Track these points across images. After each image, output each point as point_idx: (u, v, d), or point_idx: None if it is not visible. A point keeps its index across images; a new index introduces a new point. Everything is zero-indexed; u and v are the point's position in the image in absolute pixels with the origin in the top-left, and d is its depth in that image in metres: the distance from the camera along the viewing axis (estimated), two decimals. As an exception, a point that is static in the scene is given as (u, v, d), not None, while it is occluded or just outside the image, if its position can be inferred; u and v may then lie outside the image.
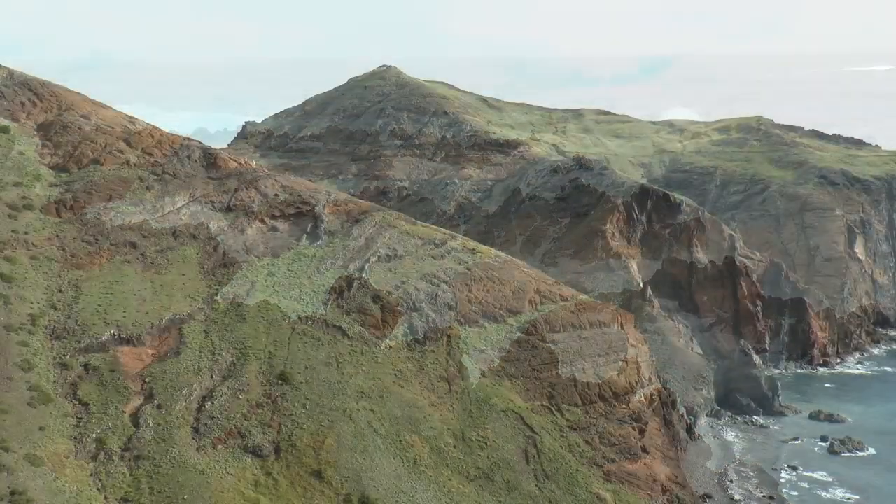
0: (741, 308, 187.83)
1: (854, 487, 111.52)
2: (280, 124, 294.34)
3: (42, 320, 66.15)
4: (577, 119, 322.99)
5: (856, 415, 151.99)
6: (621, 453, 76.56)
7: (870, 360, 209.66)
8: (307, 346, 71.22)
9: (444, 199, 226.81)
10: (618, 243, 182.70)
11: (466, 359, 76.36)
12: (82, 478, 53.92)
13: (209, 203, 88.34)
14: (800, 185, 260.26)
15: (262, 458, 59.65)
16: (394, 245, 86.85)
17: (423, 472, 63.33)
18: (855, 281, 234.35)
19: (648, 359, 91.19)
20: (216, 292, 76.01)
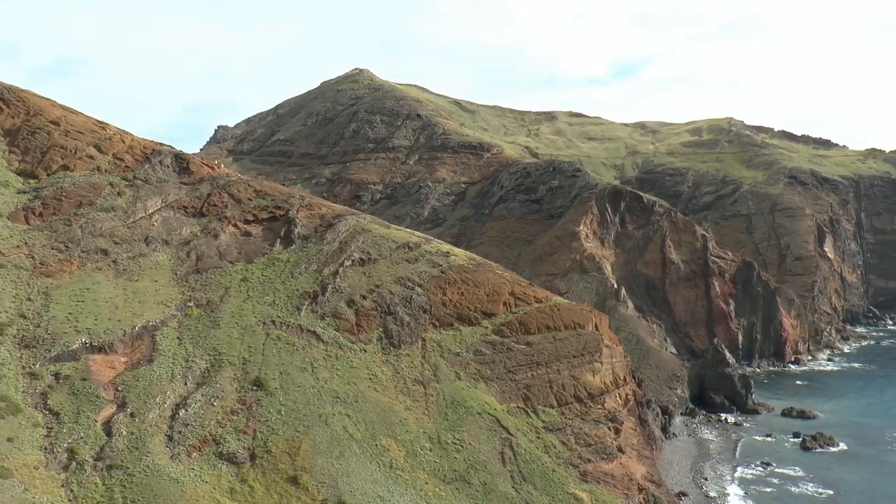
0: (714, 307, 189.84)
1: (826, 482, 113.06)
2: (253, 128, 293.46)
3: (10, 329, 65.24)
4: (550, 121, 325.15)
5: (827, 411, 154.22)
6: (597, 453, 76.93)
7: (840, 357, 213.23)
8: (282, 352, 70.91)
9: (417, 201, 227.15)
10: (591, 244, 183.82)
11: (441, 362, 76.40)
12: (53, 489, 53.23)
13: (182, 208, 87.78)
14: (770, 186, 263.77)
15: (237, 464, 59.25)
16: (368, 249, 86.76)
17: (400, 475, 63.25)
18: (825, 279, 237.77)
19: (623, 359, 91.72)
20: (189, 298, 75.49)
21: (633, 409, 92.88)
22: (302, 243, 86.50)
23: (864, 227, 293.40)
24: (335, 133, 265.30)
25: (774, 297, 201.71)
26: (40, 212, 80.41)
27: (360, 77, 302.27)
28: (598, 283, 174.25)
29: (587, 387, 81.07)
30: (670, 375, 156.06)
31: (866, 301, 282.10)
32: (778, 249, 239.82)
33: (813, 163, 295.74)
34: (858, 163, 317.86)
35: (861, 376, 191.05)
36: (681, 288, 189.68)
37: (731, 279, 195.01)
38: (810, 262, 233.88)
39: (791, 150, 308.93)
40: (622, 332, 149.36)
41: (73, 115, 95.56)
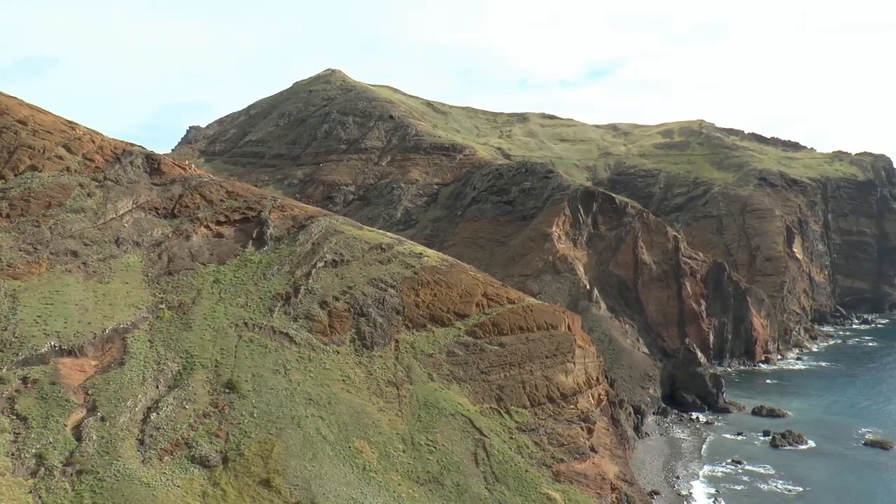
0: (686, 307, 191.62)
1: (795, 479, 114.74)
2: (225, 129, 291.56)
3: (-22, 332, 64.29)
4: (522, 123, 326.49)
5: (796, 409, 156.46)
6: (570, 453, 77.23)
7: (808, 356, 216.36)
8: (254, 354, 70.51)
9: (390, 203, 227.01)
10: (564, 245, 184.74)
11: (414, 363, 76.36)
12: (20, 495, 52.49)
13: (153, 210, 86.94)
14: (741, 187, 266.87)
15: (209, 468, 58.78)
16: (340, 250, 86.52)
17: (373, 477, 63.12)
18: (794, 280, 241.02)
19: (596, 359, 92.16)
20: (161, 300, 74.86)
21: (605, 408, 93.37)
22: (274, 245, 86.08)
23: (831, 228, 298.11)
24: (307, 134, 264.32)
25: (745, 297, 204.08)
26: (7, 213, 79.23)
27: (333, 78, 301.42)
28: (571, 284, 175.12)
29: (560, 387, 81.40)
30: (642, 375, 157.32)
31: (833, 301, 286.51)
32: (748, 250, 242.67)
33: (782, 165, 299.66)
34: (826, 165, 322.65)
35: (828, 375, 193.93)
36: (653, 288, 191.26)
37: (702, 280, 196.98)
38: (780, 262, 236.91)
39: (761, 153, 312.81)
40: (595, 333, 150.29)
41: (41, 114, 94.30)
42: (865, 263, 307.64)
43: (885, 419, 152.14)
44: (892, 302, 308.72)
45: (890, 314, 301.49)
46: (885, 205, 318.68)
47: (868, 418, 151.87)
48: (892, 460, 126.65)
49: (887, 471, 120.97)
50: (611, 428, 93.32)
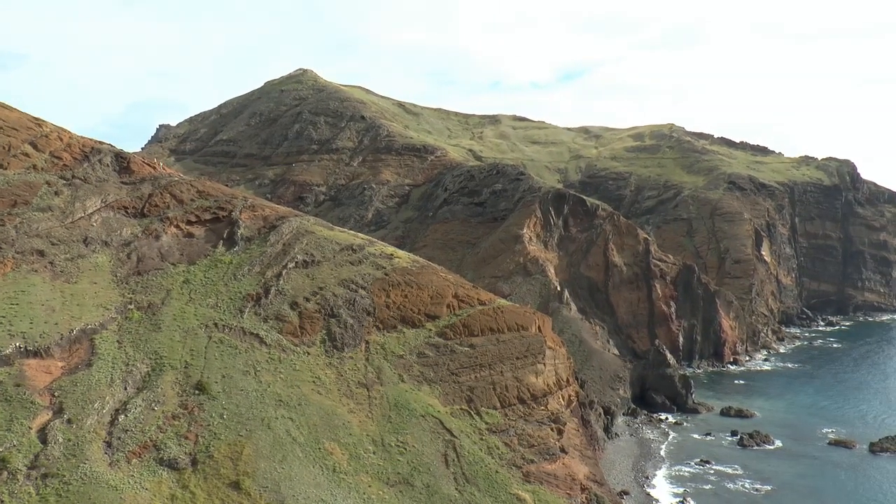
0: (656, 309, 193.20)
1: (762, 478, 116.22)
2: (195, 128, 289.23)
3: (-58, 333, 63.30)
4: (494, 125, 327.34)
5: (763, 409, 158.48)
6: (540, 454, 77.69)
7: (776, 357, 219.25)
8: (224, 355, 70.09)
9: (361, 203, 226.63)
10: (535, 247, 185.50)
11: (385, 364, 76.37)
12: (-16, 498, 51.80)
13: (122, 209, 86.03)
14: (710, 191, 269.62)
15: (178, 470, 58.33)
16: (311, 251, 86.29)
17: (343, 479, 63.03)
18: (762, 282, 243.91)
19: (566, 360, 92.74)
20: (130, 301, 74.15)
21: (575, 409, 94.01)
22: (245, 245, 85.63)
23: (798, 232, 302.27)
24: (279, 134, 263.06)
25: (714, 299, 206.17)
26: (-28, 212, 78.07)
27: (304, 77, 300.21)
28: (542, 286, 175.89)
29: (530, 388, 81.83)
30: (613, 376, 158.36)
31: (800, 303, 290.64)
32: (717, 253, 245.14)
33: (751, 169, 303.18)
34: (793, 169, 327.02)
35: (795, 376, 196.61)
36: (623, 290, 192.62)
37: (672, 282, 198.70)
38: (748, 265, 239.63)
39: (730, 157, 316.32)
40: (565, 334, 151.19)
41: (6, 110, 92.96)
42: (831, 267, 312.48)
43: (849, 419, 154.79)
44: (855, 304, 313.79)
45: (854, 316, 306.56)
46: (850, 209, 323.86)
47: (832, 418, 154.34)
48: (856, 459, 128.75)
49: (851, 469, 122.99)
50: (581, 429, 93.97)
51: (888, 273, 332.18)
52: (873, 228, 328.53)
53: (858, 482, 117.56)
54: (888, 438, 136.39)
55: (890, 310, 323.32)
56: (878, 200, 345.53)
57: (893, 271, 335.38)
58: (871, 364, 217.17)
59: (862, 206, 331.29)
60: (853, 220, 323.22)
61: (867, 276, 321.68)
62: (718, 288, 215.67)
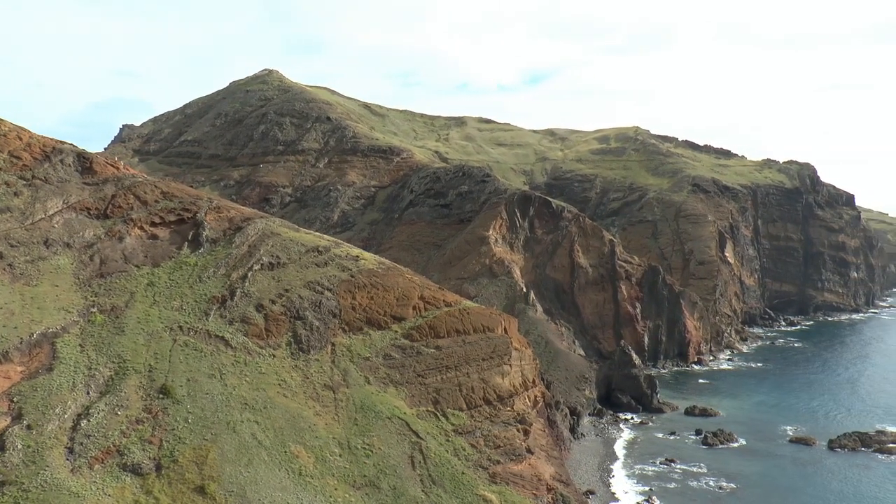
0: (621, 310, 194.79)
1: (726, 477, 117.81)
2: (160, 128, 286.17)
3: None
4: (460, 126, 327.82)
5: (727, 408, 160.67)
6: (506, 455, 78.00)
7: (739, 357, 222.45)
8: (189, 358, 69.48)
9: (327, 205, 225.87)
10: (501, 249, 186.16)
11: (351, 366, 76.21)
12: (-59, 508, 50.83)
13: (84, 210, 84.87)
14: (675, 193, 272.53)
15: (142, 476, 57.68)
16: (277, 253, 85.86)
17: (309, 482, 62.81)
18: (725, 283, 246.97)
19: (532, 361, 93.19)
20: (92, 304, 73.19)
21: (541, 410, 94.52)
22: (210, 247, 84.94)
23: (761, 233, 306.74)
24: (244, 134, 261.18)
25: (679, 300, 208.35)
26: (-71, 213, 76.62)
27: (270, 78, 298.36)
28: (508, 287, 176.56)
29: (496, 389, 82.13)
30: (578, 377, 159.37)
31: (763, 303, 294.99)
32: (682, 254, 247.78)
33: (714, 171, 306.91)
34: (756, 172, 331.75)
35: (757, 375, 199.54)
36: (589, 292, 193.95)
37: (637, 283, 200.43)
38: (712, 266, 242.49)
39: (694, 159, 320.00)
40: (531, 335, 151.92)
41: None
42: (792, 268, 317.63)
43: (809, 417, 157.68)
44: (816, 304, 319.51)
45: (814, 316, 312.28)
46: (810, 211, 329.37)
47: (793, 416, 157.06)
48: (815, 456, 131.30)
49: (811, 466, 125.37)
50: (547, 429, 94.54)
51: (846, 274, 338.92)
52: (832, 230, 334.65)
53: (818, 478, 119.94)
54: (845, 435, 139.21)
55: (848, 309, 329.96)
56: (836, 203, 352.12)
57: (851, 272, 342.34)
58: (830, 363, 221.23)
59: (821, 209, 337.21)
60: (813, 222, 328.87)
61: (827, 277, 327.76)
62: (683, 289, 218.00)
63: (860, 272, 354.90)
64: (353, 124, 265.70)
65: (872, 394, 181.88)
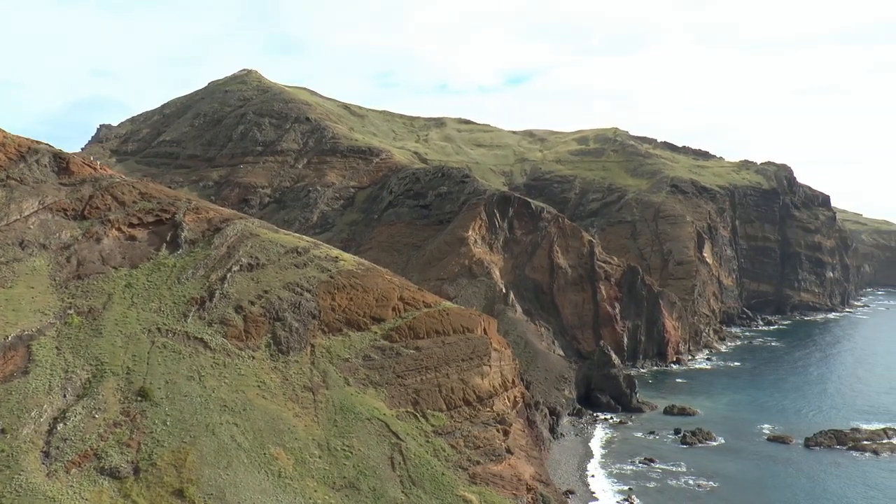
0: (600, 310, 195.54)
1: (705, 475, 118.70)
2: (138, 128, 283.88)
3: None
4: (440, 127, 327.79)
5: (705, 407, 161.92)
6: (486, 455, 78.15)
7: (717, 356, 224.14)
8: (168, 360, 69.06)
9: (306, 206, 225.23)
10: (480, 250, 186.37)
11: (330, 368, 76.09)
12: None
13: (61, 211, 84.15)
14: (654, 194, 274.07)
15: (120, 479, 57.25)
16: (256, 254, 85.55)
17: (289, 484, 62.62)
18: (704, 283, 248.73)
19: (511, 362, 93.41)
20: (69, 306, 72.57)
21: (521, 410, 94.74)
22: (189, 248, 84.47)
23: (739, 234, 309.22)
24: (223, 135, 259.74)
25: (657, 300, 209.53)
26: None
27: (249, 78, 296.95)
28: (487, 288, 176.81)
29: (476, 390, 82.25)
30: (558, 377, 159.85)
31: (740, 303, 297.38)
32: (661, 255, 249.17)
33: (693, 173, 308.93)
34: (733, 173, 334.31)
35: (735, 374, 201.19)
36: (568, 292, 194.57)
37: (616, 283, 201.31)
38: (691, 266, 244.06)
39: (673, 161, 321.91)
40: (511, 336, 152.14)
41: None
42: (769, 268, 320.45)
43: (786, 415, 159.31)
44: (793, 304, 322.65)
45: (791, 315, 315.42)
46: (787, 212, 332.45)
47: (770, 415, 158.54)
48: (792, 454, 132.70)
49: (788, 464, 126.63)
50: (526, 429, 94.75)
51: (822, 274, 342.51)
52: (808, 231, 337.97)
53: (795, 476, 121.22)
54: (821, 433, 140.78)
55: (824, 309, 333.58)
56: (812, 204, 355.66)
57: (827, 272, 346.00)
58: (807, 362, 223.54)
59: (798, 210, 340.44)
60: (790, 222, 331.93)
61: (803, 277, 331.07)
62: (662, 289, 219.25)
63: (836, 272, 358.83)
64: (332, 125, 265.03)
65: (847, 392, 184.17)
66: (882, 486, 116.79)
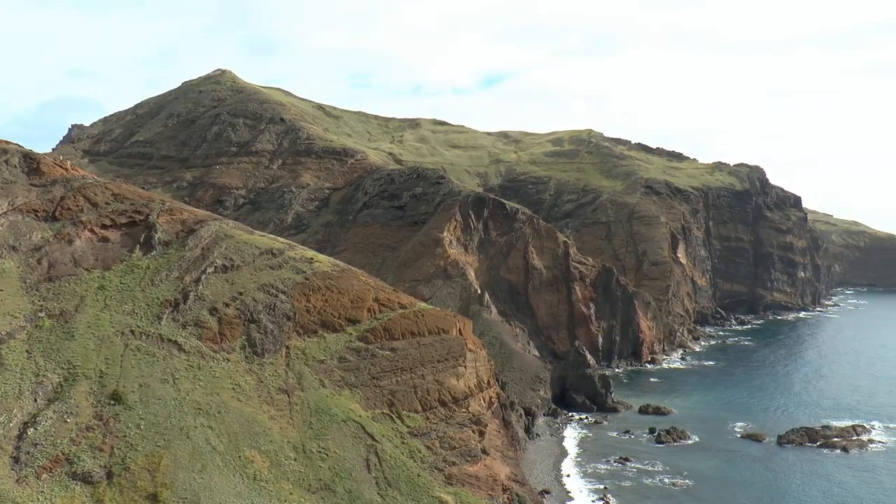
0: (575, 311, 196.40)
1: (679, 474, 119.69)
2: (110, 128, 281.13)
3: None
4: (414, 128, 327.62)
5: (680, 406, 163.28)
6: (462, 456, 78.29)
7: (691, 356, 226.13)
8: (141, 363, 68.49)
9: (281, 207, 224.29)
10: (455, 251, 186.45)
11: (306, 369, 75.87)
12: None
13: (31, 212, 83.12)
14: (628, 195, 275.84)
15: (92, 484, 56.67)
16: (230, 255, 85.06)
17: (264, 487, 62.36)
18: (678, 283, 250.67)
19: (487, 363, 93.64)
20: (40, 308, 71.73)
21: (496, 411, 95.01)
22: (163, 249, 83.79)
23: (712, 235, 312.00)
24: (197, 135, 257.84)
25: (632, 300, 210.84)
26: None
27: (223, 78, 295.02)
28: (462, 289, 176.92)
29: (451, 391, 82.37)
30: (533, 377, 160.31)
31: (714, 303, 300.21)
32: (635, 255, 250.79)
33: (667, 174, 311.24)
34: (707, 175, 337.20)
35: (709, 373, 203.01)
36: (543, 293, 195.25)
37: (591, 284, 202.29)
38: (665, 267, 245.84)
39: (647, 162, 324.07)
40: (486, 337, 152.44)
41: None
42: (742, 268, 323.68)
43: (758, 413, 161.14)
44: (765, 304, 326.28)
45: (764, 315, 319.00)
46: (760, 213, 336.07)
47: (744, 413, 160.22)
48: (765, 451, 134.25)
49: (761, 461, 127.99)
50: (502, 430, 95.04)
51: (794, 274, 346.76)
52: (781, 231, 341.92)
53: (768, 473, 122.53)
54: (793, 431, 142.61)
55: (796, 308, 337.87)
56: (784, 205, 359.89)
57: (799, 272, 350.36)
58: (779, 361, 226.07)
59: (770, 210, 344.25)
60: (762, 223, 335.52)
61: (776, 277, 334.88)
62: (636, 289, 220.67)
63: (807, 272, 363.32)
64: (307, 125, 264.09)
65: (819, 389, 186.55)
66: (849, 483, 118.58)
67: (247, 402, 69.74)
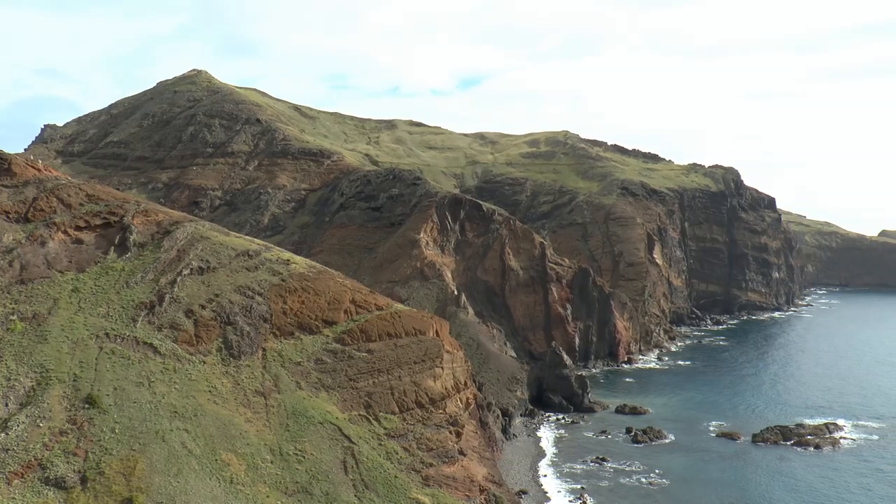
0: (552, 312, 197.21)
1: (656, 472, 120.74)
2: (84, 128, 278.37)
3: None
4: (391, 130, 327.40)
5: (656, 406, 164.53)
6: (439, 457, 78.37)
7: (667, 356, 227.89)
8: (116, 366, 67.87)
9: (257, 208, 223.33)
10: (432, 252, 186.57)
11: (282, 371, 75.59)
12: None
13: (3, 214, 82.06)
14: (604, 196, 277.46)
15: (66, 489, 56.08)
16: (206, 257, 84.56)
17: (241, 490, 62.07)
18: (654, 284, 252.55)
19: (464, 364, 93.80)
20: (12, 311, 70.90)
21: (473, 412, 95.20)
22: (138, 251, 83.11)
23: (688, 235, 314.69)
24: (172, 136, 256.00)
25: (609, 301, 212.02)
26: None
27: (199, 79, 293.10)
28: (439, 290, 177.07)
29: (428, 392, 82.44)
30: (510, 378, 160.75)
31: (690, 303, 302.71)
32: (612, 256, 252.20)
33: (643, 175, 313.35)
34: (682, 176, 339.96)
35: (685, 373, 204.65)
36: (520, 294, 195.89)
37: (568, 285, 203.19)
38: (641, 268, 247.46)
39: (623, 164, 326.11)
40: (463, 338, 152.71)
41: None
42: (717, 268, 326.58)
43: (733, 412, 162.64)
44: (740, 304, 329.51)
45: (739, 315, 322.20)
46: (734, 214, 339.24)
47: (719, 412, 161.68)
48: (740, 450, 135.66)
49: (736, 459, 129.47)
50: (479, 431, 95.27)
51: (768, 274, 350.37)
52: (755, 232, 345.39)
53: (742, 471, 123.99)
54: (768, 429, 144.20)
55: (770, 308, 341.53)
56: (759, 206, 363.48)
57: (773, 272, 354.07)
58: (754, 360, 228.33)
59: (745, 212, 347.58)
60: (737, 224, 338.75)
61: (750, 277, 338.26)
62: (613, 290, 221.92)
63: (781, 272, 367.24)
64: (283, 126, 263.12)
65: (792, 388, 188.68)
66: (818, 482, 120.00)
67: (223, 404, 69.37)
